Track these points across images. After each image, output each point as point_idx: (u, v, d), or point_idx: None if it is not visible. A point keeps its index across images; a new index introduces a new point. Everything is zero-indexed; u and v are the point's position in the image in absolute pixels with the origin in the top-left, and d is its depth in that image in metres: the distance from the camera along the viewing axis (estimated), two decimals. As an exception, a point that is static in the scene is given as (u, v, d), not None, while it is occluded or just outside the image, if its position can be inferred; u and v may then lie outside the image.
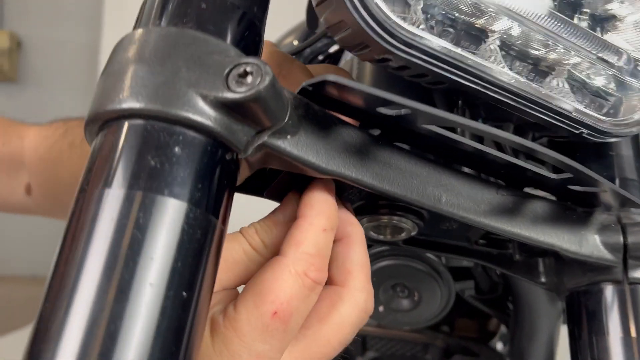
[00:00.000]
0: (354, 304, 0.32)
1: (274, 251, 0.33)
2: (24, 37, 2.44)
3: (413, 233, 0.42)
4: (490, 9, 0.34)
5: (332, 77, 0.28)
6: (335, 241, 0.34)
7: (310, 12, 0.56)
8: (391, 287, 0.56)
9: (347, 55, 0.59)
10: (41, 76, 2.44)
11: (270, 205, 0.37)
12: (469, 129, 0.30)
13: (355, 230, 0.35)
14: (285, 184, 0.36)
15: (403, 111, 0.30)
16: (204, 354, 0.29)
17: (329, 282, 0.34)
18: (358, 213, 0.40)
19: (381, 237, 0.43)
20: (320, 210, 0.32)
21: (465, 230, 0.43)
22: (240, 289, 0.34)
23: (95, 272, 0.23)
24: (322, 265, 0.31)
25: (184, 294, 0.24)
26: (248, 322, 0.29)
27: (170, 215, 0.25)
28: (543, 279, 0.45)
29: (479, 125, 0.30)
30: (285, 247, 0.31)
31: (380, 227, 0.42)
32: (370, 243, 0.44)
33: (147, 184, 0.25)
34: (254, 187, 0.37)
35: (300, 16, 0.67)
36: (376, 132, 0.34)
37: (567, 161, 0.31)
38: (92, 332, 0.22)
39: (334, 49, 0.63)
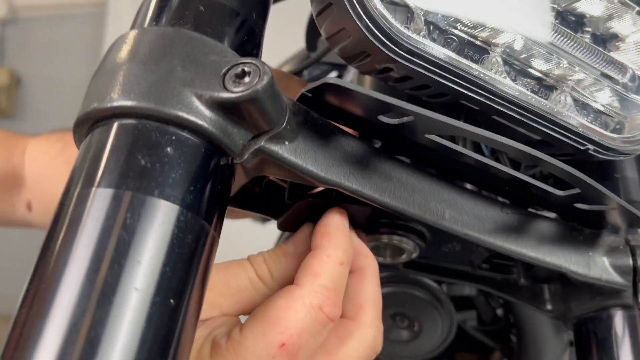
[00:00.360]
0: (362, 340, 0.31)
1: (281, 283, 0.32)
2: (23, 74, 2.46)
3: (414, 255, 0.40)
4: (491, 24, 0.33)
5: (332, 80, 0.27)
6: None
7: (310, 35, 0.56)
8: (390, 317, 0.54)
9: (346, 80, 0.59)
10: (39, 113, 2.45)
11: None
12: (473, 136, 0.29)
13: (368, 263, 0.33)
14: (300, 215, 0.34)
15: (405, 119, 0.29)
16: None
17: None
18: (357, 232, 0.38)
19: (380, 259, 0.41)
20: (338, 243, 0.31)
21: (468, 253, 0.42)
22: (242, 318, 0.32)
23: (76, 275, 0.22)
24: (337, 301, 0.30)
25: (172, 301, 0.23)
26: (253, 350, 0.27)
27: (160, 218, 0.23)
28: (549, 307, 0.43)
29: (483, 132, 0.29)
30: (301, 277, 0.30)
31: (380, 248, 0.40)
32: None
33: (136, 183, 0.23)
34: (270, 210, 0.36)
35: (299, 44, 0.67)
36: (377, 143, 0.33)
37: (575, 173, 0.30)
38: (71, 338, 0.20)
39: (332, 75, 0.62)
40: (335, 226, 0.31)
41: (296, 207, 0.33)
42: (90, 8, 2.37)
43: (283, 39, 0.78)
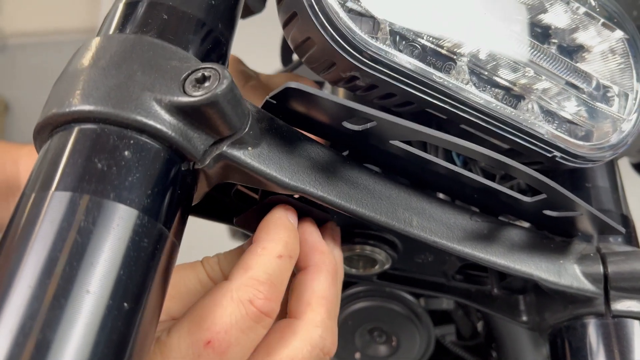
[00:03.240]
0: (308, 339, 0.29)
1: None
2: (11, 100, 2.46)
3: (387, 266, 0.40)
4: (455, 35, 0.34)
5: (294, 84, 0.27)
6: (299, 270, 0.32)
7: (284, 49, 0.57)
8: (368, 332, 0.53)
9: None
10: (28, 139, 2.44)
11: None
12: (437, 140, 0.29)
13: (323, 259, 0.32)
14: (260, 214, 0.34)
15: (369, 125, 0.30)
16: None
17: (287, 314, 0.31)
18: (329, 243, 0.38)
19: (353, 271, 0.41)
20: (275, 236, 0.30)
21: (441, 264, 0.41)
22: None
23: (28, 277, 0.21)
24: (272, 294, 0.28)
25: (126, 305, 0.22)
26: (178, 349, 0.26)
27: (115, 221, 0.23)
28: (524, 318, 0.43)
29: (447, 137, 0.29)
30: (233, 272, 0.29)
31: (353, 259, 0.40)
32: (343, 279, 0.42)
33: (92, 186, 0.23)
34: (224, 214, 0.36)
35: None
36: (345, 152, 0.33)
37: (541, 177, 0.30)
38: (19, 342, 0.20)
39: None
40: (275, 220, 0.30)
41: (256, 207, 0.33)
42: (78, 35, 2.38)
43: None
